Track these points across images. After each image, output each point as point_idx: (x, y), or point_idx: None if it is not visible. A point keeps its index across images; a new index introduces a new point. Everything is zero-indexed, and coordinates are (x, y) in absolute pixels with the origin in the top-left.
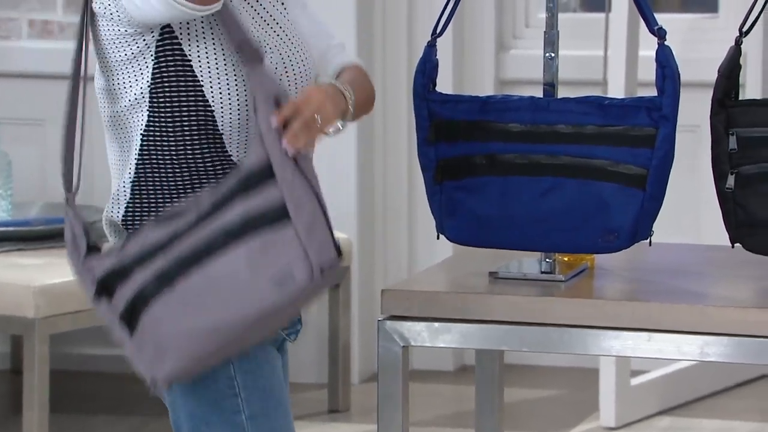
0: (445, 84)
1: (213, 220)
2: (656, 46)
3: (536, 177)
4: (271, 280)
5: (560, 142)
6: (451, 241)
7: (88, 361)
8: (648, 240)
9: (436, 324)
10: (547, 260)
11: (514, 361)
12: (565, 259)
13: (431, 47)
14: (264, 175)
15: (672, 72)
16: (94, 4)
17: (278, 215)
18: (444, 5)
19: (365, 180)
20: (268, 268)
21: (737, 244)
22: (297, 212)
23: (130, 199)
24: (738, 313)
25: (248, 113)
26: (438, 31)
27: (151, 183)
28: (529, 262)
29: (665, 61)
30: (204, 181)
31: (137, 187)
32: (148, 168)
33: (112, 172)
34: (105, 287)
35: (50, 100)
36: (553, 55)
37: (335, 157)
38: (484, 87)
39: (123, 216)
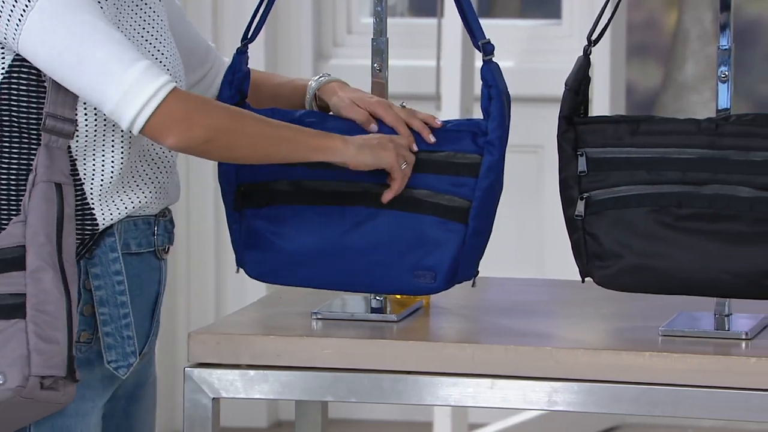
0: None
1: None
2: (484, 62)
3: (348, 207)
4: None
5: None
6: (251, 276)
7: None
8: (471, 281)
9: (252, 372)
10: (377, 298)
11: (339, 414)
12: (397, 296)
13: (242, 54)
14: (15, 259)
15: (499, 92)
16: None
17: (14, 309)
18: (257, 6)
19: None
20: None
21: (587, 278)
22: (35, 312)
23: None
24: (589, 356)
25: (104, 138)
26: (249, 36)
27: None
28: (354, 300)
29: (492, 80)
30: None
31: None
32: None
33: None
34: None
35: None
36: (382, 65)
37: None
38: None
39: None
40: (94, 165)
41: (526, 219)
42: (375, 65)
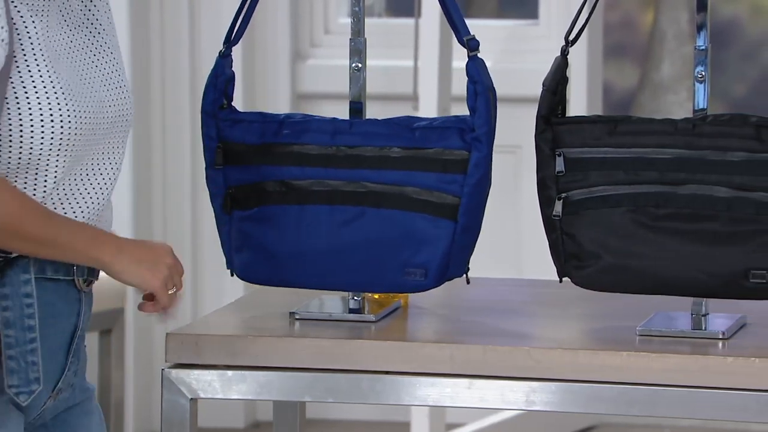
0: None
1: None
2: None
3: (336, 206)
4: None
5: (363, 167)
6: (240, 278)
7: None
8: (464, 277)
9: (230, 372)
10: (355, 298)
11: (317, 414)
12: (375, 296)
13: (225, 58)
14: None
15: (484, 88)
16: None
17: None
18: (239, 7)
19: (141, 208)
20: None
21: (565, 278)
22: None
23: None
24: (567, 356)
25: (29, 163)
26: (233, 39)
27: None
28: (332, 301)
29: (477, 75)
30: None
31: None
32: None
33: None
34: None
35: None
36: (360, 65)
37: None
38: (278, 102)
39: None
40: (16, 185)
41: (503, 219)
42: (353, 66)
